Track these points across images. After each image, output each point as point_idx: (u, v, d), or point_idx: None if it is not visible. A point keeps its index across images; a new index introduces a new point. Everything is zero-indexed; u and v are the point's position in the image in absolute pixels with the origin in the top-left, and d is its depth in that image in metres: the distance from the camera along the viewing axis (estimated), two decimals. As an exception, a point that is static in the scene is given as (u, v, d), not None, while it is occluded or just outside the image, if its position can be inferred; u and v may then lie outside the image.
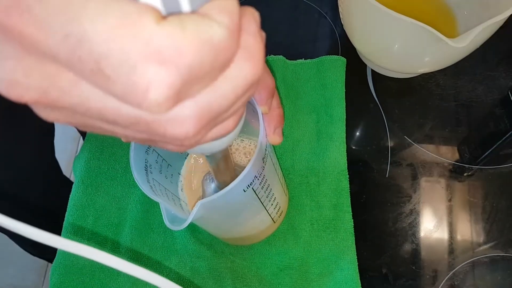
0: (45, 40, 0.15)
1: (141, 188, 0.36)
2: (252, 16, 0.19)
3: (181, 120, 0.18)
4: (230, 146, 0.34)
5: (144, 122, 0.18)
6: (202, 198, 0.47)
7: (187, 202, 0.49)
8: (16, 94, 0.17)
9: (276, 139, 0.38)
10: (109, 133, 0.20)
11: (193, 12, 0.17)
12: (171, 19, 0.15)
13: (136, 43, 0.15)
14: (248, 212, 0.41)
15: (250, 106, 0.39)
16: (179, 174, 0.48)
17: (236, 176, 0.43)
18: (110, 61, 0.15)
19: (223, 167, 0.38)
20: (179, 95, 0.16)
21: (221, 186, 0.44)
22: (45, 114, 0.19)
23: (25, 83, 0.16)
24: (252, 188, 0.37)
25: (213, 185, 0.47)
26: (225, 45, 0.16)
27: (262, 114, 0.36)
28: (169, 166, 0.44)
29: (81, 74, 0.16)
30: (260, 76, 0.19)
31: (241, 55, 0.18)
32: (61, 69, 0.16)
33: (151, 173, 0.40)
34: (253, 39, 0.19)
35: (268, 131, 0.37)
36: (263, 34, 0.21)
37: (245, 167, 0.49)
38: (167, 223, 0.35)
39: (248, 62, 0.18)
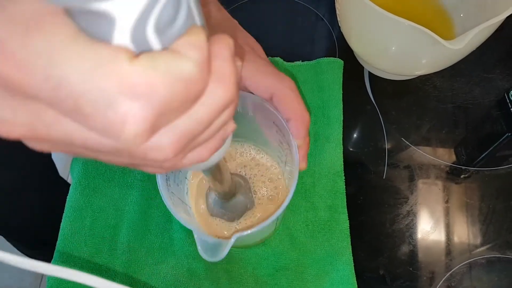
0: (28, 83, 0.16)
1: (174, 215, 0.37)
2: (225, 43, 0.20)
3: (160, 147, 0.19)
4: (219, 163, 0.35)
5: (125, 151, 0.19)
6: (208, 208, 0.48)
7: (191, 206, 0.49)
8: (4, 131, 0.18)
9: (304, 166, 0.41)
10: (93, 158, 0.21)
11: (164, 49, 0.17)
12: (143, 57, 0.16)
13: (111, 82, 0.16)
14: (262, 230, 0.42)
15: (269, 121, 0.41)
16: (186, 178, 0.49)
17: (234, 185, 0.44)
18: (87, 99, 0.16)
19: (219, 179, 0.39)
20: (154, 127, 0.18)
21: (220, 196, 0.45)
22: (33, 145, 0.20)
23: (12, 121, 0.17)
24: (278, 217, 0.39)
25: (213, 195, 0.47)
26: (195, 78, 0.17)
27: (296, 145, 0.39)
28: (180, 171, 0.45)
29: (63, 112, 0.17)
30: (233, 98, 0.21)
31: (213, 81, 0.19)
32: (44, 107, 0.17)
33: (170, 185, 0.41)
34: (224, 64, 0.20)
35: (299, 156, 0.40)
36: (238, 62, 0.22)
37: (242, 175, 0.49)
38: (202, 254, 0.37)
39: (220, 87, 0.19)
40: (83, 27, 0.16)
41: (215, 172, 0.37)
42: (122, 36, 0.16)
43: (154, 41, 0.17)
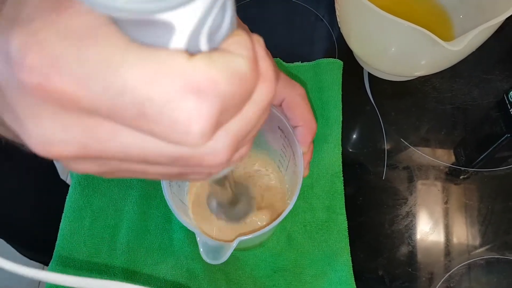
0: (86, 96, 0.15)
1: (179, 219, 0.37)
2: (259, 42, 0.20)
3: (218, 150, 0.19)
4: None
5: (184, 157, 0.18)
6: (212, 213, 0.48)
7: (190, 207, 0.49)
8: (55, 151, 0.17)
9: (306, 172, 0.42)
10: (141, 176, 0.21)
11: (214, 49, 0.18)
12: (200, 55, 0.16)
13: (173, 81, 0.15)
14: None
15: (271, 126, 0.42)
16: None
17: (236, 193, 0.44)
18: (151, 103, 0.15)
19: (225, 186, 0.39)
20: (217, 125, 0.17)
21: (222, 204, 0.45)
22: (76, 166, 0.19)
23: (63, 140, 0.17)
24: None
25: (214, 202, 0.47)
26: (249, 74, 0.17)
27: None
28: None
29: (122, 121, 0.16)
30: (274, 95, 0.20)
31: (260, 80, 0.19)
32: (99, 121, 0.17)
33: (172, 187, 0.41)
34: (264, 62, 0.19)
35: (303, 164, 0.41)
36: (269, 54, 0.22)
37: (242, 183, 0.49)
38: (204, 257, 0.37)
39: (264, 85, 0.19)
40: (135, 37, 0.16)
41: (222, 181, 0.37)
42: (178, 43, 0.16)
43: (204, 47, 0.17)
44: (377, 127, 0.58)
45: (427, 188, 0.55)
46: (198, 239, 0.37)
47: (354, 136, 0.59)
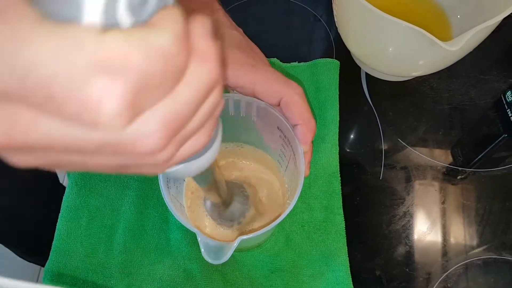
0: None
1: (176, 217, 0.37)
2: (201, 21, 0.19)
3: (147, 134, 0.18)
4: (214, 167, 0.35)
5: (110, 143, 0.17)
6: (207, 215, 0.48)
7: (185, 206, 0.49)
8: None
9: (307, 172, 0.41)
10: (83, 167, 0.20)
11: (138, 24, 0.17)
12: (114, 31, 0.15)
13: (81, 58, 0.14)
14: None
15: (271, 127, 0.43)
16: (184, 180, 0.49)
17: (230, 194, 0.44)
18: (58, 84, 0.15)
19: (215, 189, 0.39)
20: (135, 106, 0.16)
21: (216, 205, 0.45)
22: (15, 159, 0.18)
23: None
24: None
25: (208, 203, 0.47)
26: (174, 50, 0.16)
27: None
28: None
29: (35, 105, 0.15)
30: (218, 78, 0.19)
31: (195, 59, 0.18)
32: (18, 108, 0.16)
33: (170, 188, 0.41)
34: (204, 41, 0.19)
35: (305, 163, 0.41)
36: (218, 40, 0.21)
37: (239, 183, 0.49)
38: (206, 257, 0.37)
39: (204, 65, 0.18)
40: (49, 13, 0.15)
41: (210, 181, 0.37)
42: (92, 16, 0.15)
43: (126, 21, 0.16)
44: (375, 127, 0.58)
45: (424, 188, 0.55)
46: (199, 239, 0.37)
47: (352, 136, 0.59)
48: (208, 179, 0.36)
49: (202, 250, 0.37)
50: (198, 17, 0.19)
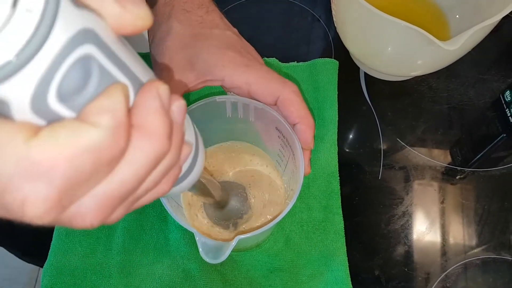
0: None
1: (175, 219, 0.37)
2: (155, 92, 0.19)
3: (82, 215, 0.18)
4: (202, 180, 0.35)
5: (48, 222, 0.18)
6: (205, 214, 0.48)
7: (184, 206, 0.49)
8: None
9: (308, 170, 0.42)
10: None
11: (71, 118, 0.17)
12: (43, 132, 0.15)
13: (7, 165, 0.15)
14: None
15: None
16: None
17: (226, 194, 0.44)
18: None
19: (207, 194, 0.39)
20: (63, 201, 0.17)
21: (212, 206, 0.45)
22: None
23: None
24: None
25: (208, 205, 0.48)
26: (105, 144, 0.16)
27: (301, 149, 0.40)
28: None
29: None
30: (165, 149, 0.20)
31: (138, 136, 0.18)
32: None
33: None
34: (153, 116, 0.19)
35: (305, 162, 0.41)
36: (179, 102, 0.21)
37: (237, 182, 0.50)
38: (204, 256, 0.37)
39: (147, 141, 0.19)
40: None
41: (201, 189, 0.37)
42: (22, 113, 0.15)
43: (62, 110, 0.16)
44: (374, 127, 0.58)
45: (423, 188, 0.55)
46: (197, 239, 0.37)
47: (351, 136, 0.59)
48: (197, 190, 0.36)
49: (200, 249, 0.37)
50: (151, 87, 0.19)
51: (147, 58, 0.61)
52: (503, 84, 0.61)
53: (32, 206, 0.16)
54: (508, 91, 0.56)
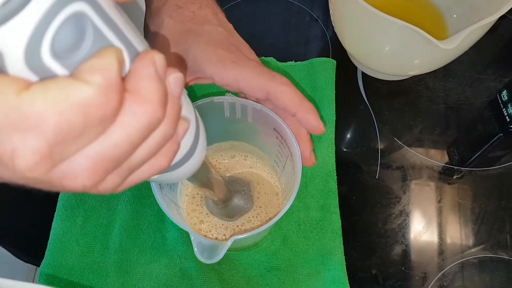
0: None
1: (172, 219, 0.37)
2: (150, 60, 0.19)
3: (74, 174, 0.19)
4: (205, 170, 0.35)
5: (39, 181, 0.18)
6: (207, 209, 0.48)
7: (183, 208, 0.49)
8: None
9: (314, 160, 0.41)
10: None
11: (65, 75, 0.17)
12: (35, 87, 0.16)
13: None
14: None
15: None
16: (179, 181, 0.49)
17: (229, 190, 0.44)
18: None
19: (210, 187, 0.39)
20: (54, 156, 0.17)
21: (215, 202, 0.45)
22: None
23: None
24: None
25: (210, 200, 0.48)
26: (96, 102, 0.17)
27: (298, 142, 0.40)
28: None
29: None
30: (159, 116, 0.20)
31: (132, 101, 0.19)
32: None
33: (163, 188, 0.41)
34: (147, 82, 0.19)
35: (307, 154, 0.40)
36: (176, 74, 0.21)
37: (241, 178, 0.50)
38: (199, 256, 0.37)
39: (140, 106, 0.19)
40: None
41: (204, 182, 0.37)
42: (16, 66, 0.16)
43: (56, 67, 0.17)
44: (371, 127, 0.58)
45: (420, 187, 0.55)
46: (192, 238, 0.37)
47: (348, 135, 0.59)
48: (199, 181, 0.36)
49: (195, 249, 0.37)
50: (147, 55, 0.19)
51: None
52: (500, 84, 0.61)
53: (22, 157, 0.16)
54: (505, 90, 0.56)
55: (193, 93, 0.58)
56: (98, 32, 0.17)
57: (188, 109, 0.26)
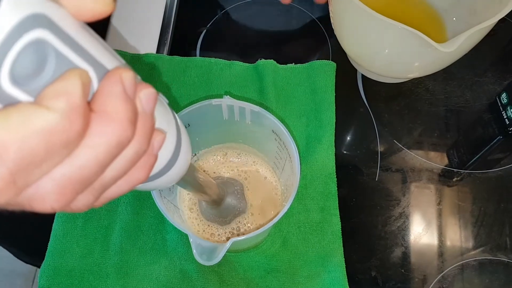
0: None
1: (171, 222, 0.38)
2: (116, 78, 0.19)
3: (41, 197, 0.18)
4: (192, 176, 0.35)
5: (7, 205, 0.18)
6: (201, 213, 0.48)
7: (183, 210, 0.49)
8: None
9: None
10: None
11: (27, 102, 0.17)
12: None
13: None
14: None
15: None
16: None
17: (221, 191, 0.44)
18: None
19: (200, 191, 0.39)
20: (16, 183, 0.17)
21: (208, 203, 0.46)
22: None
23: None
24: None
25: (204, 203, 0.48)
26: (58, 127, 0.17)
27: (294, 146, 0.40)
28: None
29: None
30: (127, 135, 0.20)
31: (98, 121, 0.18)
32: None
33: (162, 190, 0.41)
34: (113, 101, 0.19)
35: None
36: (147, 90, 0.21)
37: (234, 178, 0.50)
38: (198, 258, 0.37)
39: (107, 126, 0.19)
40: None
41: (194, 185, 0.37)
42: None
43: (18, 94, 0.16)
44: (371, 129, 0.59)
45: (420, 190, 0.55)
46: (191, 240, 0.37)
47: (348, 137, 0.59)
48: (189, 185, 0.36)
49: (194, 251, 0.37)
50: (115, 73, 0.19)
51: (146, 59, 0.61)
52: (499, 87, 0.61)
53: None
54: (504, 93, 0.56)
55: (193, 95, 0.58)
56: (60, 56, 0.17)
57: (166, 119, 0.25)
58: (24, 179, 0.17)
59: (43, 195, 0.18)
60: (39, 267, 0.50)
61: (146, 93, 0.21)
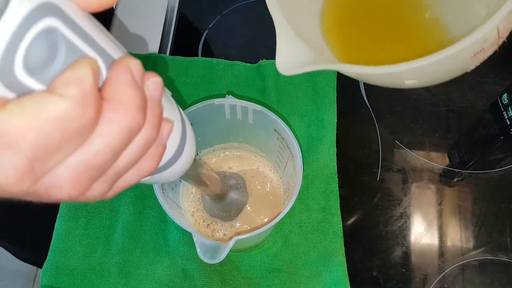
0: None
1: (174, 220, 0.38)
2: (125, 67, 0.20)
3: (58, 185, 0.19)
4: (197, 170, 0.36)
5: (25, 194, 0.18)
6: (204, 209, 0.48)
7: (186, 209, 0.49)
8: None
9: None
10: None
11: (41, 90, 0.17)
12: (11, 104, 0.16)
13: None
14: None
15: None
16: (180, 182, 0.49)
17: (225, 186, 0.44)
18: None
19: (204, 184, 0.39)
20: (35, 171, 0.17)
21: (211, 198, 0.46)
22: None
23: None
24: None
25: (207, 198, 0.48)
26: (72, 114, 0.17)
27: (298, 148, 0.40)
28: None
29: None
30: (139, 122, 0.20)
31: (110, 109, 0.19)
32: None
33: (165, 190, 0.41)
34: (123, 88, 0.19)
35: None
36: (154, 79, 0.21)
37: (236, 173, 0.50)
38: (201, 257, 0.37)
39: (118, 114, 0.19)
40: None
41: (198, 179, 0.37)
42: None
43: (32, 83, 0.17)
44: (372, 129, 0.59)
45: (421, 190, 0.55)
46: (195, 239, 0.37)
47: (349, 138, 0.59)
48: (193, 179, 0.36)
49: (198, 249, 0.37)
50: (124, 61, 0.20)
51: (148, 59, 0.61)
52: (500, 87, 0.61)
53: (4, 174, 0.16)
54: (505, 94, 0.57)
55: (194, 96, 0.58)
56: (70, 45, 0.18)
57: (171, 110, 0.26)
58: (41, 166, 0.18)
59: (60, 182, 0.19)
60: (40, 266, 0.50)
61: (154, 81, 0.22)
